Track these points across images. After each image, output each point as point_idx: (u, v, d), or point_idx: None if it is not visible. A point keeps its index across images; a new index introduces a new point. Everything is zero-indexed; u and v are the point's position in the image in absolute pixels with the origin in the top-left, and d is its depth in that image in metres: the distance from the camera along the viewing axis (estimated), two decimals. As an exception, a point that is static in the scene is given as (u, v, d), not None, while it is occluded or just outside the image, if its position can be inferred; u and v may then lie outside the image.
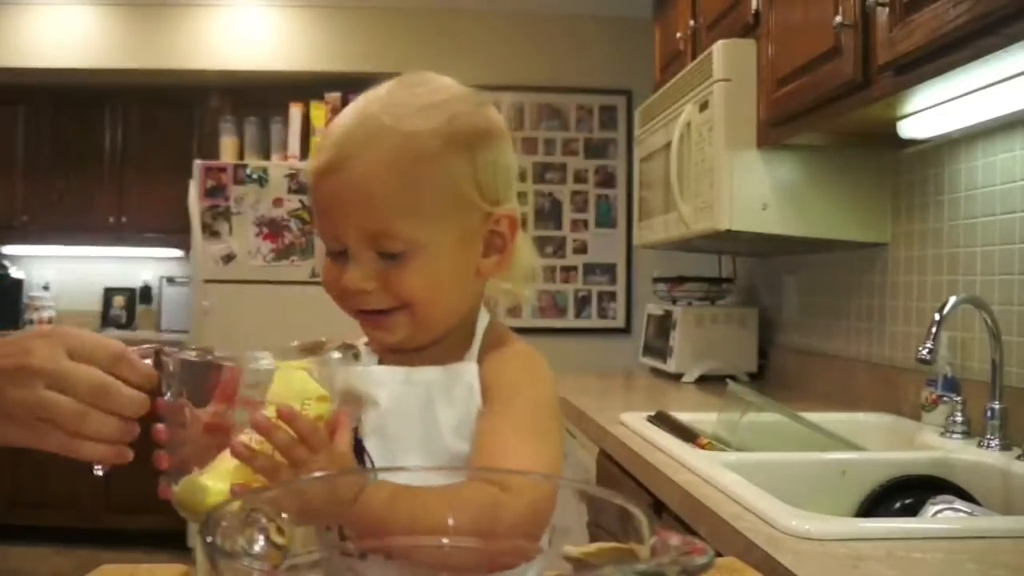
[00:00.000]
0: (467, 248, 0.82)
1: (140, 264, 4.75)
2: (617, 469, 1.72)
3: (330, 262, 0.82)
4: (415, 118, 0.78)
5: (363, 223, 0.77)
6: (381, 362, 0.85)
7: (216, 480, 0.66)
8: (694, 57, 2.33)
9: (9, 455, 4.08)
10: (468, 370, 0.81)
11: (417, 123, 0.78)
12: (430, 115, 0.79)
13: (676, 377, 2.66)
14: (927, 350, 1.41)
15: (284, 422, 0.66)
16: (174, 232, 4.25)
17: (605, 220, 4.20)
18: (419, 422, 0.79)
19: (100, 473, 0.75)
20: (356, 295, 0.79)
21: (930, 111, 1.56)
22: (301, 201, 3.76)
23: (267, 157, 3.98)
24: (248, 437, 0.66)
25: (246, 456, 0.65)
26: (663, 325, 2.79)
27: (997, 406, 1.47)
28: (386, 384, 0.81)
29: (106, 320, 4.67)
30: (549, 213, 4.17)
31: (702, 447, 1.55)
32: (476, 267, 0.83)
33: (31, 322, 4.57)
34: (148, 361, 0.71)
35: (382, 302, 0.79)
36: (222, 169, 3.79)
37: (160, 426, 0.70)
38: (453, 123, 0.80)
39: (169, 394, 0.71)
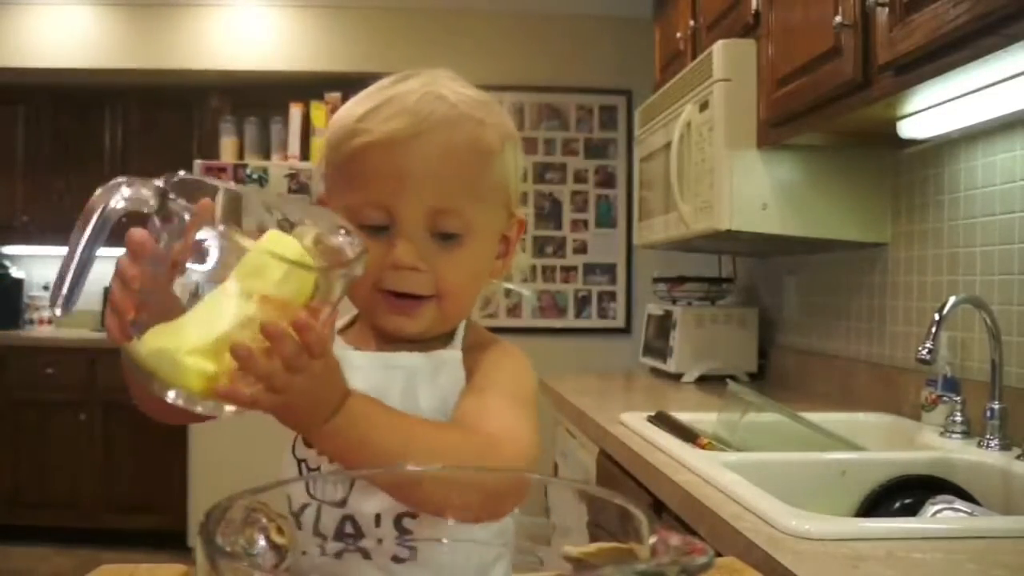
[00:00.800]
0: (495, 247, 0.84)
1: (140, 264, 4.74)
2: (617, 469, 1.72)
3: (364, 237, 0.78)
4: (479, 110, 0.79)
5: (432, 198, 0.76)
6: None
7: (198, 358, 0.58)
8: (694, 57, 2.33)
9: (9, 455, 4.09)
10: (453, 356, 0.81)
11: (483, 115, 0.79)
12: (488, 111, 0.80)
13: (676, 377, 2.66)
14: (927, 350, 1.41)
15: (295, 329, 0.60)
16: (174, 232, 4.24)
17: (605, 220, 4.20)
18: (398, 407, 0.76)
19: None
20: (402, 274, 0.77)
21: (930, 111, 1.56)
22: (301, 201, 3.76)
23: (267, 157, 3.98)
24: (246, 333, 0.58)
25: (245, 358, 0.58)
26: (663, 325, 2.79)
27: (997, 406, 1.47)
28: (363, 369, 0.79)
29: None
30: (549, 213, 4.17)
31: (702, 447, 1.55)
32: (491, 268, 0.84)
33: (31, 322, 4.58)
34: (160, 183, 0.60)
35: (423, 287, 0.78)
36: (222, 169, 3.78)
37: (131, 264, 0.60)
38: (506, 123, 0.82)
39: (165, 236, 0.60)
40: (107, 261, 0.57)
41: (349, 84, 0.90)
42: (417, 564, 0.63)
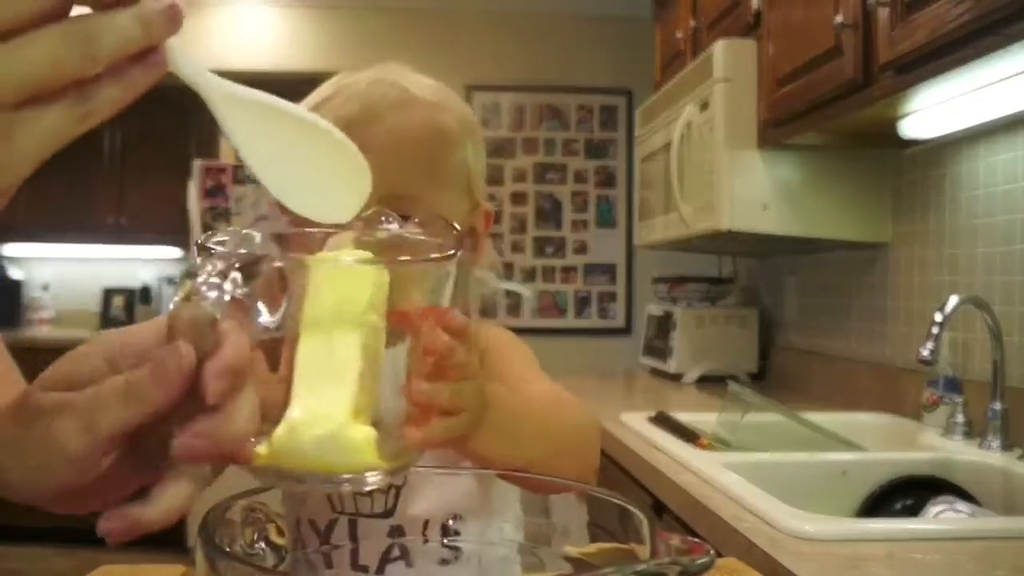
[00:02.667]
0: None
1: (140, 264, 4.75)
2: (617, 469, 1.72)
3: None
4: (434, 95, 0.78)
5: (388, 184, 0.69)
6: None
7: (361, 429, 0.43)
8: (694, 57, 2.33)
9: (9, 455, 4.08)
10: None
11: (438, 100, 0.78)
12: (444, 97, 0.79)
13: (676, 377, 2.65)
14: (928, 351, 1.41)
15: (450, 331, 0.51)
16: (174, 232, 4.24)
17: (605, 220, 4.20)
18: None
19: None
20: None
21: (931, 111, 1.56)
22: (301, 201, 3.76)
23: (267, 157, 3.98)
24: (374, 367, 0.44)
25: (429, 396, 0.50)
26: (663, 325, 2.79)
27: (998, 407, 1.47)
28: None
29: (106, 320, 4.66)
30: (549, 213, 4.17)
31: (702, 447, 1.55)
32: None
33: (31, 322, 4.58)
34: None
35: None
36: (221, 169, 3.79)
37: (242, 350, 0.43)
38: (463, 110, 0.81)
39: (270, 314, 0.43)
40: (108, 263, 0.55)
41: (349, 84, 0.89)
42: (458, 565, 0.63)
